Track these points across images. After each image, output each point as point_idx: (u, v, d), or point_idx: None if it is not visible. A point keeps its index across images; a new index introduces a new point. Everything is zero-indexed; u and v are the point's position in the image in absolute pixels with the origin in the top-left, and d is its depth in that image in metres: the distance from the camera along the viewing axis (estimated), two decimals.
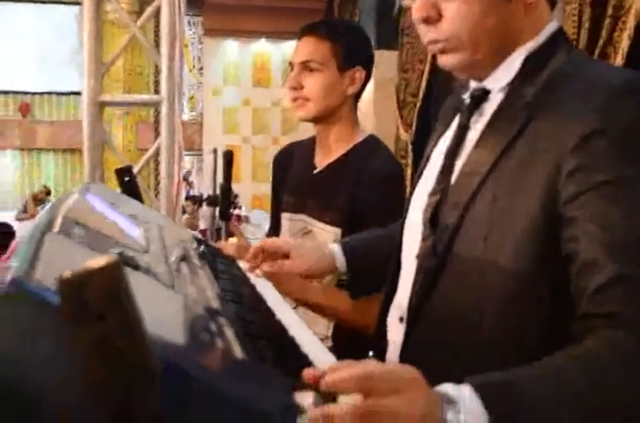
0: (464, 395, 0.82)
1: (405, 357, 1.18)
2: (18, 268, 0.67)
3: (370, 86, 7.50)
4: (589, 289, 0.95)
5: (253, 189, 11.49)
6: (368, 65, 1.98)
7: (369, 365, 0.79)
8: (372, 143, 2.01)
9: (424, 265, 1.16)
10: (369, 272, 1.63)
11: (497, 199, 1.07)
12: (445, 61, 1.16)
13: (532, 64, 1.12)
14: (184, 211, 8.47)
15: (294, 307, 1.73)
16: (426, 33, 1.14)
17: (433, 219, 1.16)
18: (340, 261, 1.59)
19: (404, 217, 1.31)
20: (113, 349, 0.55)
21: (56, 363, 0.63)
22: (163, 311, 0.73)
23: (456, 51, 1.13)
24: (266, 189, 2.25)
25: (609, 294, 0.93)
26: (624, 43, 3.48)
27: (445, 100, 1.38)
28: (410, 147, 6.93)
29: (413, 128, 6.85)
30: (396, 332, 1.22)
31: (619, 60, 3.47)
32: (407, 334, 1.18)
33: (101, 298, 0.54)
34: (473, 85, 1.20)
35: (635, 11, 3.41)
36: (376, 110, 7.60)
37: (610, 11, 3.57)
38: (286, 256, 1.54)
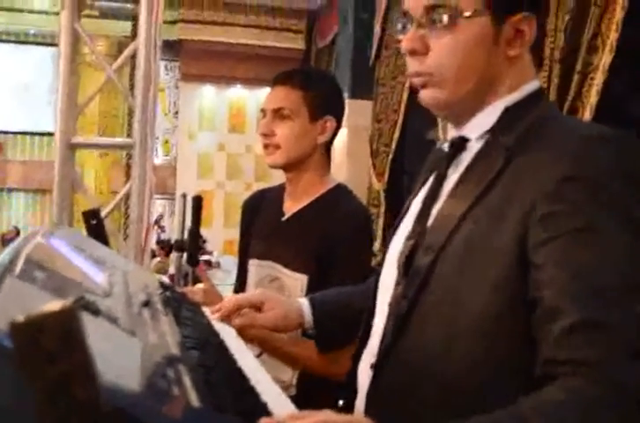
0: None
1: (371, 403, 1.17)
2: None
3: (344, 135, 7.51)
4: (552, 335, 0.95)
5: (225, 234, 11.44)
6: (338, 115, 2.01)
7: (327, 414, 0.79)
8: (341, 191, 2.03)
9: (394, 311, 1.16)
10: (337, 328, 1.62)
11: (471, 242, 1.07)
12: (425, 95, 1.17)
13: (511, 114, 1.14)
14: (155, 255, 8.39)
15: (258, 355, 1.72)
16: (411, 65, 1.16)
17: (407, 264, 1.16)
18: (308, 316, 1.59)
19: (380, 265, 1.32)
20: (65, 394, 0.54)
21: (10, 406, 0.62)
22: (121, 357, 0.72)
23: (437, 86, 1.15)
24: (238, 234, 2.24)
25: (572, 340, 0.93)
26: (592, 99, 3.55)
27: (416, 150, 1.39)
28: (383, 196, 6.97)
29: (386, 177, 6.90)
30: (365, 379, 1.21)
31: (587, 115, 3.54)
32: (374, 379, 1.17)
33: (54, 342, 0.53)
34: (453, 134, 1.22)
35: (602, 67, 3.49)
36: (350, 159, 7.66)
37: (579, 67, 3.65)
38: (258, 308, 1.55)
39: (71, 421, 0.56)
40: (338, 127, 2.01)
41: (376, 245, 5.53)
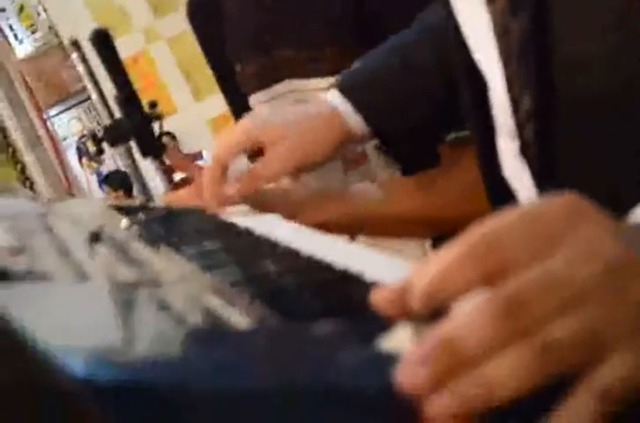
0: None
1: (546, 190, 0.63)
2: None
3: None
4: None
5: (202, 109, 4.08)
6: None
7: (478, 227, 0.37)
8: None
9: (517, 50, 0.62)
10: (409, 119, 0.91)
11: None
12: None
13: None
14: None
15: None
16: None
17: None
18: (352, 117, 0.86)
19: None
20: None
21: None
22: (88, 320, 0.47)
23: None
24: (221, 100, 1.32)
25: None
26: None
27: None
28: None
29: None
30: (518, 177, 0.70)
31: None
32: (536, 164, 0.66)
33: None
34: None
35: None
36: None
37: None
38: (260, 149, 0.87)
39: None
40: None
41: None
